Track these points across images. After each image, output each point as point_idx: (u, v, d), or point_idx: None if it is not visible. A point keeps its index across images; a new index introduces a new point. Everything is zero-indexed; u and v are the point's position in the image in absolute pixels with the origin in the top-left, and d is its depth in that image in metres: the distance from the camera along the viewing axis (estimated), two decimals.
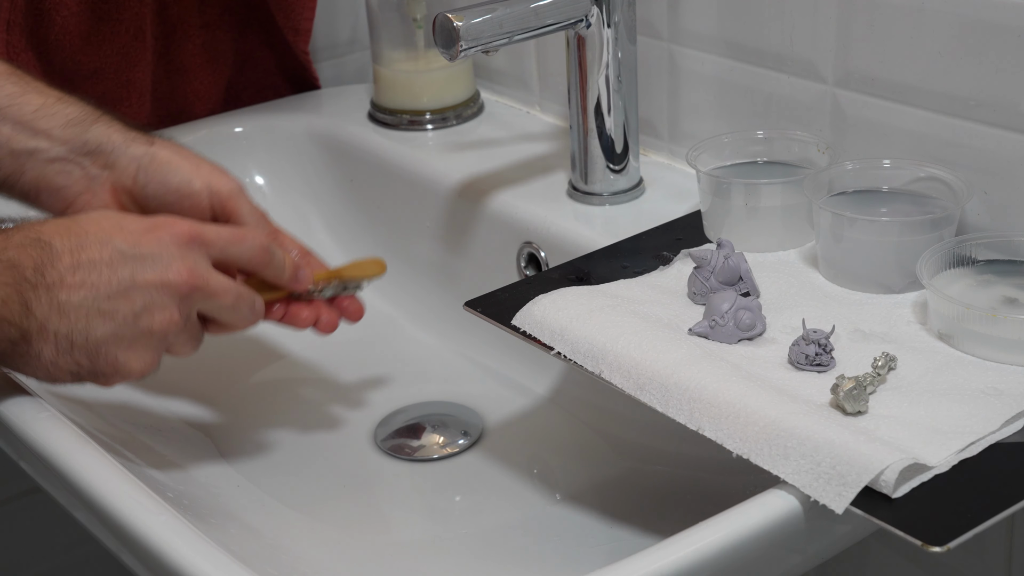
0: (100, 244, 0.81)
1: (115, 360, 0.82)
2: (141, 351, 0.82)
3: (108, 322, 0.81)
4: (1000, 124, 0.89)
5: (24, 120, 0.92)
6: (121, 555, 0.77)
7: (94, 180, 0.93)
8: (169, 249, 0.83)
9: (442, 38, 0.95)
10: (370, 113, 1.28)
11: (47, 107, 0.93)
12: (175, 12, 1.24)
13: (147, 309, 0.82)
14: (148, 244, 0.82)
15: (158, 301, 0.82)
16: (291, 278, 0.91)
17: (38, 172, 0.92)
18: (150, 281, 0.82)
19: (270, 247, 0.89)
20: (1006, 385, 0.79)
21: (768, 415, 0.74)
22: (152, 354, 0.83)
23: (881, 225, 0.89)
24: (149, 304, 0.82)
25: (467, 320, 0.94)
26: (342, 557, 0.89)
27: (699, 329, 0.85)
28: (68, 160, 0.92)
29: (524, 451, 1.01)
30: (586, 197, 1.08)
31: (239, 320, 0.88)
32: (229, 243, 0.86)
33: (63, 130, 0.92)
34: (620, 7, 1.02)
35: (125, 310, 0.81)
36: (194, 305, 0.84)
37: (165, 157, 0.93)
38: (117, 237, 0.82)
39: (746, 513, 0.70)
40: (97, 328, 0.80)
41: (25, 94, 0.93)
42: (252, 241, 0.88)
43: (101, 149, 0.93)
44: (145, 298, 0.81)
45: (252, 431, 1.03)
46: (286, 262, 0.91)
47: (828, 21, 0.97)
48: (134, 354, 0.82)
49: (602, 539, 0.90)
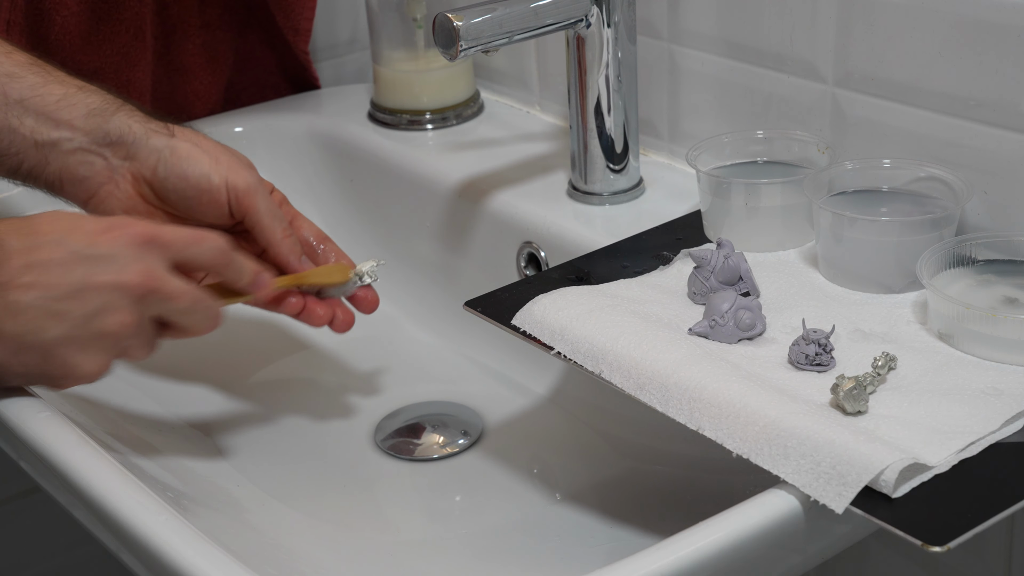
0: (54, 244, 0.80)
1: (66, 362, 0.80)
2: (93, 353, 0.81)
3: (60, 323, 0.79)
4: (1000, 124, 0.89)
5: (47, 111, 0.92)
6: (121, 555, 0.77)
7: (116, 171, 0.93)
8: (125, 250, 0.81)
9: (442, 38, 0.95)
10: (370, 113, 1.28)
11: (69, 97, 0.93)
12: (175, 12, 1.24)
13: (101, 311, 0.80)
14: (103, 245, 0.80)
15: (112, 303, 0.80)
16: (251, 282, 0.89)
17: (61, 163, 0.92)
18: (104, 282, 0.80)
19: (229, 250, 0.86)
20: (1006, 385, 0.79)
21: (768, 415, 0.74)
22: (105, 357, 0.82)
23: (881, 225, 0.89)
24: (103, 306, 0.80)
25: (467, 320, 0.94)
26: (342, 556, 0.89)
27: (699, 329, 0.85)
28: (90, 151, 0.92)
29: (524, 451, 1.01)
30: (586, 197, 1.08)
31: (196, 325, 0.85)
32: (187, 245, 0.84)
33: (84, 120, 0.92)
34: (620, 7, 1.02)
35: (78, 312, 0.79)
36: (149, 308, 0.82)
37: (185, 150, 0.93)
38: (72, 237, 0.80)
39: (746, 513, 0.70)
40: (49, 329, 0.79)
41: (47, 84, 0.92)
42: (211, 243, 0.85)
43: (122, 140, 0.93)
44: (99, 300, 0.80)
45: (252, 430, 1.03)
46: (245, 266, 0.88)
47: (828, 21, 0.97)
48: (86, 356, 0.81)
49: (602, 539, 0.90)
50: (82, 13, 1.17)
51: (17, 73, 0.92)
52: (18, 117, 0.91)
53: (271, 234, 0.94)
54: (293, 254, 0.94)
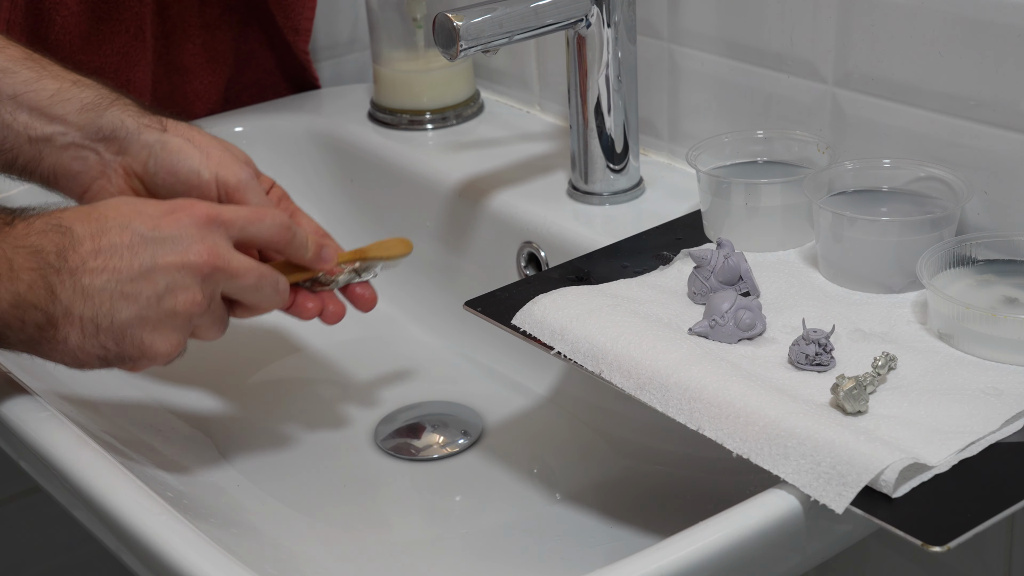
0: (120, 228, 0.82)
1: (141, 342, 0.82)
2: (167, 332, 0.83)
3: (132, 304, 0.81)
4: (1000, 124, 0.89)
5: (40, 106, 0.92)
6: (121, 555, 0.77)
7: (108, 166, 0.93)
8: (189, 231, 0.83)
9: (442, 38, 0.95)
10: (370, 113, 1.28)
11: (63, 92, 0.93)
12: (175, 12, 1.24)
13: (170, 290, 0.82)
14: (168, 227, 0.83)
15: (180, 282, 0.82)
16: (315, 256, 0.91)
17: (55, 158, 0.93)
18: (171, 263, 0.82)
19: (291, 225, 0.88)
20: (1006, 385, 0.79)
21: (768, 415, 0.74)
22: (178, 335, 0.83)
23: (881, 225, 0.89)
24: (171, 285, 0.82)
25: (467, 320, 0.94)
26: (342, 557, 0.89)
27: (699, 329, 0.85)
28: (83, 146, 0.93)
29: (524, 451, 1.01)
30: (586, 197, 1.08)
31: (263, 300, 0.88)
32: (248, 222, 0.86)
33: (78, 116, 0.93)
34: (620, 7, 1.02)
35: (148, 292, 0.81)
36: (217, 286, 0.84)
37: (176, 145, 0.93)
38: (136, 221, 0.82)
39: (746, 513, 0.70)
40: (121, 311, 0.81)
41: (41, 79, 0.93)
42: (272, 219, 0.88)
43: (115, 135, 0.93)
44: (167, 279, 0.82)
45: (252, 431, 1.03)
46: (308, 240, 0.90)
47: (828, 21, 0.97)
48: (160, 336, 0.82)
49: (602, 539, 0.90)
50: (82, 13, 1.17)
51: (11, 68, 0.92)
52: (11, 113, 0.92)
53: None
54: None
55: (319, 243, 0.92)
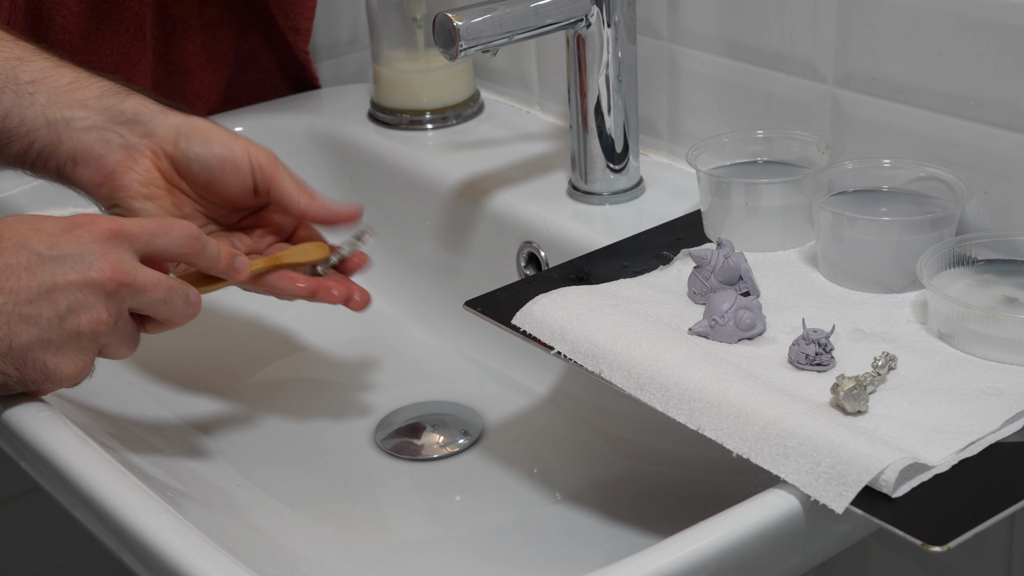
0: (16, 248, 0.78)
1: (44, 366, 0.79)
2: (71, 354, 0.80)
3: (32, 327, 0.78)
4: (1000, 124, 0.89)
5: (59, 91, 0.91)
6: (121, 555, 0.77)
7: (134, 148, 0.92)
8: (90, 247, 0.79)
9: (442, 38, 0.95)
10: (370, 113, 1.28)
11: (80, 80, 0.92)
12: (175, 12, 1.24)
13: (72, 310, 0.79)
14: (67, 244, 0.79)
15: (83, 301, 0.79)
16: (228, 267, 0.88)
17: (76, 140, 0.91)
18: (72, 281, 0.78)
19: (200, 236, 0.85)
20: (1006, 385, 0.79)
21: (768, 415, 0.74)
22: (84, 357, 0.80)
23: (881, 225, 0.89)
24: (74, 305, 0.79)
25: (467, 320, 0.94)
26: (342, 557, 0.89)
27: (699, 329, 0.85)
28: (105, 129, 0.92)
29: (524, 451, 1.01)
30: (586, 197, 1.08)
31: (174, 314, 0.84)
32: (154, 235, 0.83)
33: (98, 100, 0.92)
34: (620, 7, 1.02)
35: (49, 313, 0.78)
36: (123, 302, 0.81)
37: (203, 125, 0.93)
38: (33, 239, 0.79)
39: (746, 513, 0.70)
40: (20, 334, 0.78)
41: (58, 68, 0.92)
42: (180, 231, 0.84)
43: (138, 119, 0.92)
44: (69, 299, 0.78)
45: (252, 430, 1.03)
46: (220, 252, 0.87)
47: (828, 21, 0.97)
48: (64, 358, 0.80)
49: (602, 539, 0.90)
50: (82, 13, 1.17)
51: (27, 57, 0.92)
52: (30, 96, 0.90)
53: (299, 201, 0.93)
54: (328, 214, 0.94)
55: (231, 253, 0.88)
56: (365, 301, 0.95)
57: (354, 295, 0.95)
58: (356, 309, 0.95)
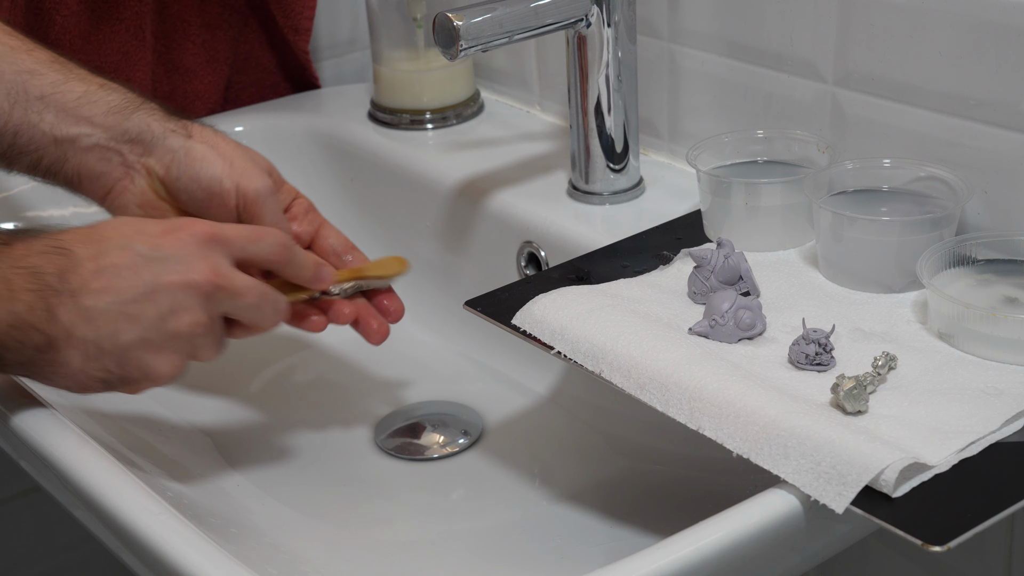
0: (121, 249, 0.80)
1: (144, 365, 0.81)
2: (169, 354, 0.81)
3: (135, 326, 0.80)
4: (1000, 124, 0.89)
5: (68, 107, 0.92)
6: (121, 555, 0.77)
7: (132, 167, 0.93)
8: (189, 249, 0.82)
9: (442, 37, 0.95)
10: (370, 112, 1.28)
11: (89, 94, 0.93)
12: (175, 12, 1.24)
13: (173, 311, 0.81)
14: (168, 246, 0.81)
15: (183, 303, 0.81)
16: (313, 276, 0.90)
17: (79, 159, 0.92)
18: (174, 282, 0.81)
19: (290, 245, 0.88)
20: (1006, 385, 0.79)
21: (768, 414, 0.74)
22: (180, 357, 0.82)
23: (881, 224, 0.89)
24: (175, 306, 0.81)
25: (467, 320, 0.94)
26: (342, 556, 0.89)
27: (699, 328, 0.85)
28: (108, 148, 0.93)
29: (524, 451, 1.01)
30: (586, 196, 1.08)
31: (263, 320, 0.87)
32: (249, 241, 0.85)
33: (104, 117, 0.92)
34: (620, 6, 1.02)
35: (151, 313, 0.80)
36: (219, 305, 0.83)
37: (199, 153, 0.93)
38: (137, 241, 0.81)
39: (746, 513, 0.70)
40: (124, 332, 0.79)
41: (68, 81, 0.93)
42: (272, 238, 0.87)
43: (141, 138, 0.93)
44: (170, 300, 0.80)
45: (252, 431, 1.03)
46: (307, 260, 0.90)
47: (828, 21, 0.97)
48: (162, 358, 0.81)
49: (602, 539, 0.90)
50: (82, 13, 1.17)
51: (38, 70, 0.92)
52: (38, 113, 0.91)
53: None
54: None
55: (317, 263, 0.91)
56: (383, 334, 0.95)
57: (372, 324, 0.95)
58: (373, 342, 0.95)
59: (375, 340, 0.95)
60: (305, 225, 0.98)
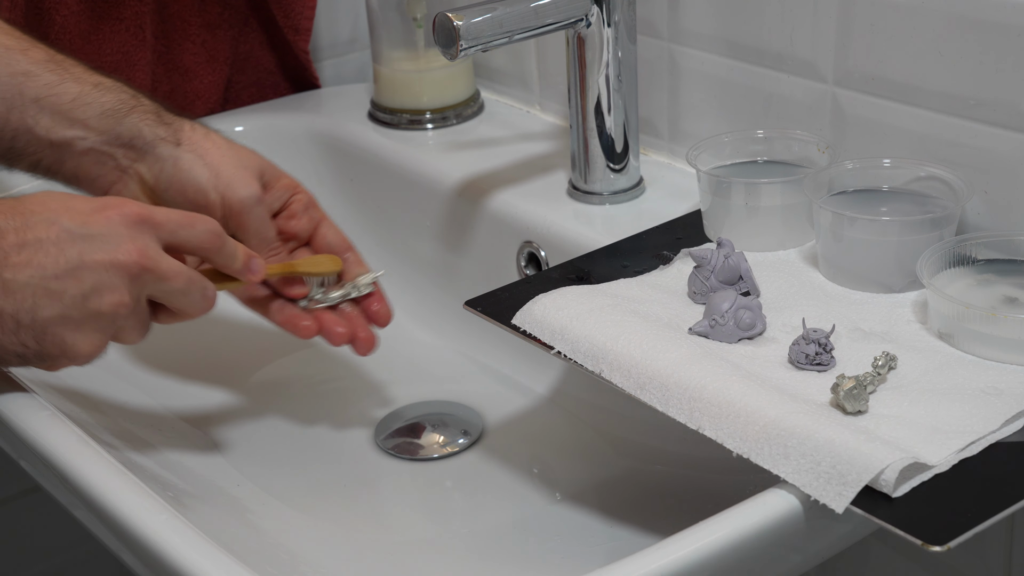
0: (47, 223, 0.79)
1: (62, 342, 0.80)
2: (89, 333, 0.80)
3: (56, 302, 0.78)
4: (1000, 124, 0.89)
5: (62, 110, 0.92)
6: (121, 555, 0.77)
7: (125, 171, 0.93)
8: (118, 229, 0.80)
9: (442, 37, 0.95)
10: (370, 112, 1.28)
11: (83, 96, 0.93)
12: (175, 12, 1.24)
13: (96, 290, 0.79)
14: (97, 224, 0.80)
15: (108, 282, 0.80)
16: (243, 268, 0.89)
17: (76, 162, 0.93)
18: (99, 261, 0.79)
19: (221, 233, 0.86)
20: (1006, 384, 0.79)
21: (768, 414, 0.74)
22: (101, 337, 0.81)
23: (881, 224, 0.89)
24: (98, 285, 0.79)
25: (467, 320, 0.94)
26: (342, 556, 0.89)
27: (699, 328, 0.85)
28: (102, 151, 0.93)
29: (524, 451, 1.01)
30: (586, 196, 1.08)
31: (190, 306, 0.85)
32: (179, 226, 0.84)
33: (98, 121, 0.92)
34: (620, 6, 1.02)
35: (73, 290, 0.79)
36: (144, 287, 0.82)
37: (187, 163, 0.93)
38: (64, 217, 0.80)
39: (746, 513, 0.70)
40: (44, 308, 0.78)
41: (63, 83, 0.93)
42: (203, 225, 0.85)
43: (133, 143, 0.93)
44: (94, 278, 0.79)
45: (252, 430, 1.03)
46: (238, 251, 0.88)
47: (828, 21, 0.97)
48: (82, 336, 0.80)
49: (602, 539, 0.90)
50: (82, 12, 1.17)
51: (33, 71, 0.92)
52: (34, 117, 0.91)
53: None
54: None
55: (248, 254, 0.89)
56: (370, 344, 0.96)
57: (359, 334, 0.95)
58: (361, 353, 0.96)
59: (362, 351, 0.96)
60: (304, 222, 0.98)
